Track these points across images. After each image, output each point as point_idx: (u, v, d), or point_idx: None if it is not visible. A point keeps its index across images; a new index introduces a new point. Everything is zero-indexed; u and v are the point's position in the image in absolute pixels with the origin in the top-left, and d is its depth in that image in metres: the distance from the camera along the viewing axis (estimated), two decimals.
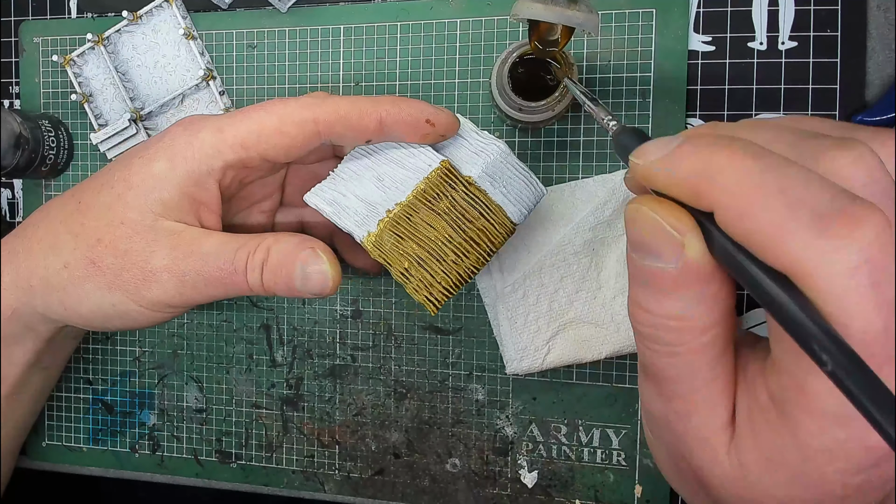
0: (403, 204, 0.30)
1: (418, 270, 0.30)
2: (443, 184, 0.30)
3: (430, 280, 0.30)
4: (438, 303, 0.30)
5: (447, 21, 0.39)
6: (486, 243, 0.30)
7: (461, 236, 0.30)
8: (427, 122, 0.29)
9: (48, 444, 0.45)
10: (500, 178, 0.30)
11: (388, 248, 0.30)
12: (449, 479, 0.40)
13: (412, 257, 0.30)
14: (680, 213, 0.17)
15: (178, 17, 0.41)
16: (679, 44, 0.36)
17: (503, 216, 0.30)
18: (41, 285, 0.32)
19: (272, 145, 0.29)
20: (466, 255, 0.30)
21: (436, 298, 0.30)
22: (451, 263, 0.30)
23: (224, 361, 0.43)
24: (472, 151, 0.30)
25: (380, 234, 0.30)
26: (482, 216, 0.30)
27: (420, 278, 0.30)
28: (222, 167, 0.30)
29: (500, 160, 0.30)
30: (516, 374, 0.38)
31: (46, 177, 0.44)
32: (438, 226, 0.30)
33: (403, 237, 0.30)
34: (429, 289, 0.30)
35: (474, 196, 0.30)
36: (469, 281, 0.31)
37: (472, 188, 0.30)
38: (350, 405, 0.41)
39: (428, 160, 0.30)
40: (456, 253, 0.30)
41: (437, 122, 0.29)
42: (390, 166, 0.30)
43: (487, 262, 0.31)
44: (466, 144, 0.31)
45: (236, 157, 0.29)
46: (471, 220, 0.30)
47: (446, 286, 0.30)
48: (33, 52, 0.44)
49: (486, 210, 0.30)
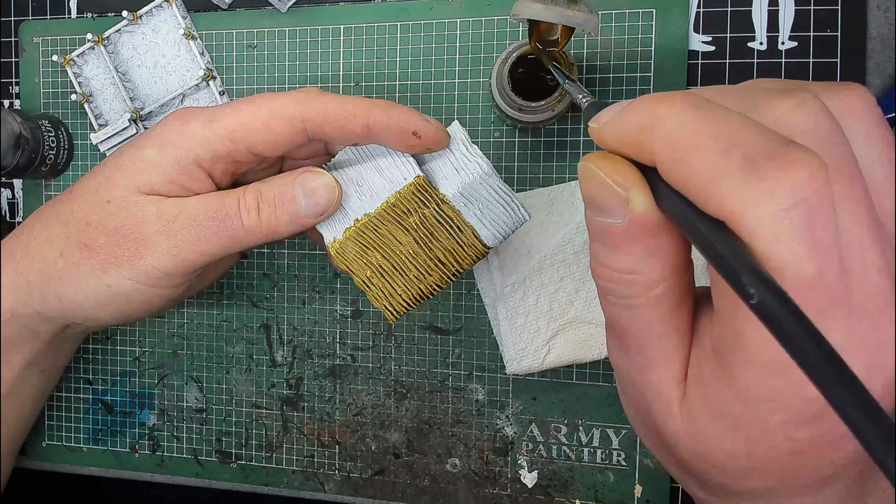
0: (371, 215, 0.30)
1: (380, 280, 0.30)
2: (414, 199, 0.29)
3: (391, 291, 0.30)
4: (398, 313, 0.31)
5: (447, 21, 0.39)
6: (452, 263, 0.30)
7: (426, 254, 0.30)
8: (414, 134, 0.29)
9: (48, 444, 0.45)
10: (476, 199, 0.29)
11: (350, 256, 0.30)
12: (449, 479, 0.40)
13: (375, 267, 0.30)
14: (625, 169, 0.17)
15: (178, 16, 0.41)
16: (679, 44, 0.36)
17: (474, 238, 0.30)
18: (38, 280, 0.32)
19: (260, 140, 0.29)
20: (429, 272, 0.30)
21: (395, 309, 0.30)
22: (412, 279, 0.30)
23: (224, 361, 0.43)
24: (454, 167, 0.30)
25: (344, 243, 0.30)
26: (451, 236, 0.30)
27: (381, 288, 0.30)
28: (211, 158, 0.30)
29: (478, 181, 0.29)
30: (516, 374, 0.38)
31: (46, 177, 0.44)
32: (405, 241, 0.30)
33: (368, 247, 0.30)
34: (389, 299, 0.30)
35: (446, 215, 0.29)
36: (431, 297, 0.31)
37: (444, 207, 0.29)
38: (350, 405, 0.41)
39: (405, 173, 0.29)
40: (419, 270, 0.30)
41: (424, 135, 0.29)
42: (371, 173, 0.30)
43: (453, 281, 0.31)
44: (451, 158, 0.30)
45: (225, 149, 0.29)
46: (438, 238, 0.30)
47: (407, 299, 0.30)
48: (33, 52, 0.44)
49: (456, 231, 0.30)
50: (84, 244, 0.31)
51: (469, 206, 0.30)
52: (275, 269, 0.42)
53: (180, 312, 0.43)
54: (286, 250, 0.42)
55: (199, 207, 0.30)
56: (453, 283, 0.31)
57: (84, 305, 0.32)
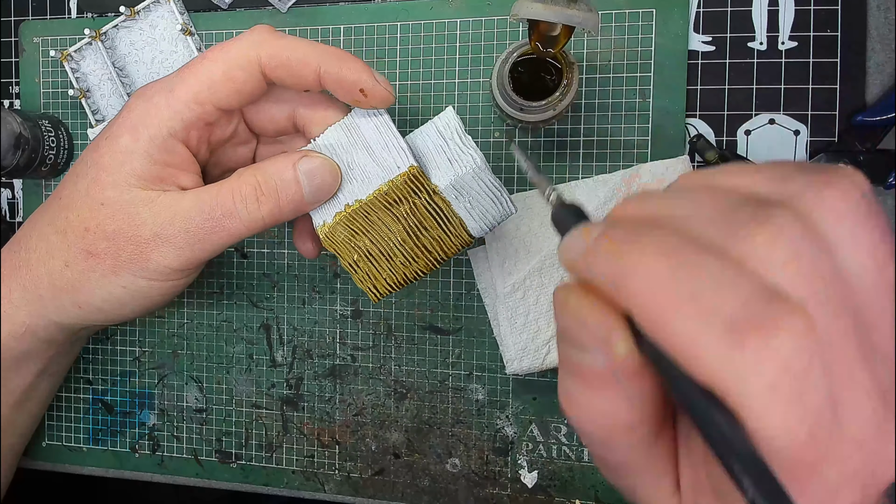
0: (363, 202, 0.30)
1: (366, 263, 0.31)
2: (406, 188, 0.30)
3: (376, 274, 0.31)
4: (381, 295, 0.31)
5: (447, 21, 0.39)
6: (438, 251, 0.30)
7: (414, 242, 0.30)
8: (361, 91, 0.29)
9: (48, 444, 0.45)
10: (467, 192, 0.30)
11: (339, 240, 0.31)
12: (449, 479, 0.40)
13: (362, 251, 0.30)
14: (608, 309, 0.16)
15: (175, 12, 0.41)
16: (679, 44, 0.36)
17: (461, 229, 0.30)
18: (50, 292, 0.32)
19: (223, 93, 0.29)
20: (415, 259, 0.30)
21: (379, 292, 0.31)
22: (398, 265, 0.30)
23: (224, 361, 0.43)
24: (447, 157, 0.30)
25: (334, 227, 0.30)
26: (439, 226, 0.30)
27: (367, 271, 0.31)
28: (183, 127, 0.29)
29: (470, 174, 0.30)
30: (516, 374, 0.38)
31: (46, 177, 0.44)
32: (394, 228, 0.30)
33: (357, 232, 0.30)
34: (373, 281, 0.31)
35: (436, 206, 0.30)
36: (415, 282, 0.31)
37: (435, 197, 0.30)
38: (350, 405, 0.41)
39: (398, 161, 0.30)
40: (406, 256, 0.30)
41: (370, 94, 0.29)
42: (363, 156, 0.30)
43: (437, 268, 0.31)
44: (445, 148, 0.30)
45: (193, 114, 0.29)
46: (427, 227, 0.30)
47: (391, 283, 0.31)
48: (33, 53, 0.44)
49: (445, 221, 0.30)
50: (87, 251, 0.31)
51: (460, 198, 0.30)
52: (275, 269, 0.42)
53: (180, 312, 0.43)
54: (286, 250, 0.42)
55: (192, 211, 0.29)
56: (437, 269, 0.31)
57: (104, 308, 0.32)
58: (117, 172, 0.30)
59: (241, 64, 0.29)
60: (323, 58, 0.28)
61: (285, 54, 0.28)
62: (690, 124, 0.37)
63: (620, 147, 0.37)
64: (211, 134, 0.31)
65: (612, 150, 0.37)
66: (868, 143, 0.35)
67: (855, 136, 0.35)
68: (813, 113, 0.36)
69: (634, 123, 0.37)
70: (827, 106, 0.36)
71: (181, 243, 0.29)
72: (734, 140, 0.37)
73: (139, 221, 0.30)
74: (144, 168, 0.29)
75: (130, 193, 0.30)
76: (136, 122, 0.29)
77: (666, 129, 0.37)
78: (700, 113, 0.37)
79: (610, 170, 0.37)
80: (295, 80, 0.29)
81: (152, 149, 0.29)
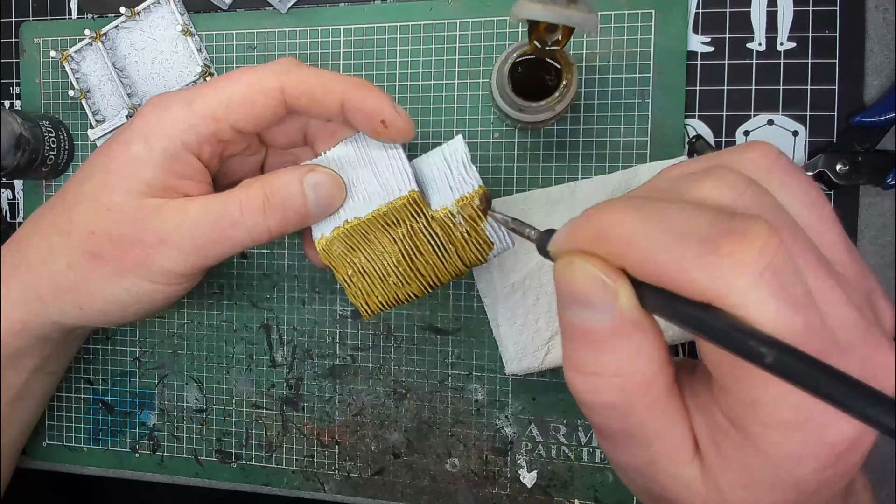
0: (362, 220, 0.30)
1: (360, 280, 0.31)
2: (405, 212, 0.30)
3: (369, 292, 0.31)
4: (371, 312, 0.31)
5: (447, 21, 0.39)
6: (432, 276, 0.30)
7: (408, 265, 0.30)
8: (382, 122, 0.29)
9: (48, 444, 0.46)
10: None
11: (336, 254, 0.31)
12: (449, 479, 0.40)
13: (357, 267, 0.31)
14: (610, 265, 0.17)
15: (175, 13, 0.41)
16: (678, 44, 0.36)
17: (456, 258, 0.30)
18: (51, 292, 0.32)
19: (241, 114, 0.29)
20: (408, 282, 0.30)
21: (371, 309, 0.31)
22: (391, 285, 0.31)
23: (224, 361, 0.43)
24: (449, 185, 0.30)
25: (331, 241, 0.31)
26: (435, 252, 0.30)
27: (360, 287, 0.31)
28: (197, 141, 0.29)
29: None
30: (516, 374, 0.38)
31: (47, 177, 0.44)
32: (390, 249, 0.30)
33: (354, 248, 0.30)
34: (366, 298, 0.31)
35: (433, 232, 0.30)
36: (406, 304, 0.31)
37: (433, 223, 0.30)
38: (350, 405, 0.41)
39: (400, 184, 0.30)
40: (399, 278, 0.30)
41: (391, 125, 0.29)
42: (367, 175, 0.30)
43: (429, 293, 0.31)
44: (448, 176, 0.30)
45: (208, 130, 0.29)
46: (423, 252, 0.30)
47: (383, 301, 0.31)
48: (34, 53, 0.45)
49: (441, 248, 0.30)
50: (91, 253, 0.31)
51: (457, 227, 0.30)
52: (275, 269, 0.42)
53: (180, 312, 0.43)
54: (286, 250, 0.42)
55: (199, 219, 0.29)
56: (429, 294, 0.31)
57: (106, 310, 0.32)
58: (127, 179, 0.30)
59: (264, 89, 0.29)
60: (347, 86, 0.29)
61: (310, 82, 0.29)
62: (689, 125, 0.37)
63: (619, 147, 0.37)
64: (224, 150, 0.31)
65: (611, 151, 0.37)
66: (867, 144, 0.35)
67: (854, 137, 0.35)
68: (812, 113, 0.36)
69: (633, 124, 0.37)
70: (826, 106, 0.36)
71: (187, 249, 0.30)
72: (733, 141, 0.37)
73: (146, 227, 0.30)
74: (155, 177, 0.30)
75: (139, 200, 0.30)
76: (149, 131, 0.29)
77: (665, 129, 0.37)
78: (699, 113, 0.37)
79: (609, 170, 0.37)
80: (319, 109, 0.29)
81: (165, 159, 0.29)
